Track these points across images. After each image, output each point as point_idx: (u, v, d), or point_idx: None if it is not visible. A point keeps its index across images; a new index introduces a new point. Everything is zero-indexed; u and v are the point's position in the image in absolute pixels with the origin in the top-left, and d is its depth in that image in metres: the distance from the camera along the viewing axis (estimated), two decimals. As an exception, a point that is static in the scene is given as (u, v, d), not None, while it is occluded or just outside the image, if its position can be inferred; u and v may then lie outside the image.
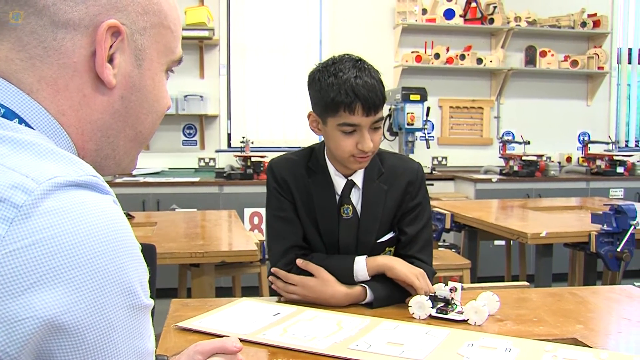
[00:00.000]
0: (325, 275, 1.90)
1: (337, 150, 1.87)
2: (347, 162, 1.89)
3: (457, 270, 3.96)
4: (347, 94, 1.78)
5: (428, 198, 2.07)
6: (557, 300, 1.96)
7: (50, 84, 0.82)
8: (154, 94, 0.90)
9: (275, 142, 6.52)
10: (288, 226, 1.98)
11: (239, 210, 5.34)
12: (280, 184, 1.98)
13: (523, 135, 6.49)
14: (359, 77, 1.80)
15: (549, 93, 7.06)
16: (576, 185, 6.18)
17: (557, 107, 7.09)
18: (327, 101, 1.82)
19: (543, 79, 7.03)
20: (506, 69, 6.67)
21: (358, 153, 1.86)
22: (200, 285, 3.00)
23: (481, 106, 6.93)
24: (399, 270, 1.87)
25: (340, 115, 1.81)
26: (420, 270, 1.89)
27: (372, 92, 1.80)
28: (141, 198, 5.47)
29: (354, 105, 1.79)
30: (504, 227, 3.50)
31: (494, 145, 6.93)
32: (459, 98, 6.88)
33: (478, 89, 6.92)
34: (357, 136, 1.84)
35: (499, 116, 6.99)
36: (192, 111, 6.18)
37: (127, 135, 0.89)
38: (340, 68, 1.82)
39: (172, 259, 2.82)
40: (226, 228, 3.73)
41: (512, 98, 6.98)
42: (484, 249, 5.30)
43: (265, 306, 1.87)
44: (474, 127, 6.96)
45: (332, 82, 1.81)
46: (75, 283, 0.68)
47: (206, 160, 6.45)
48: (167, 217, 4.00)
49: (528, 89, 7.01)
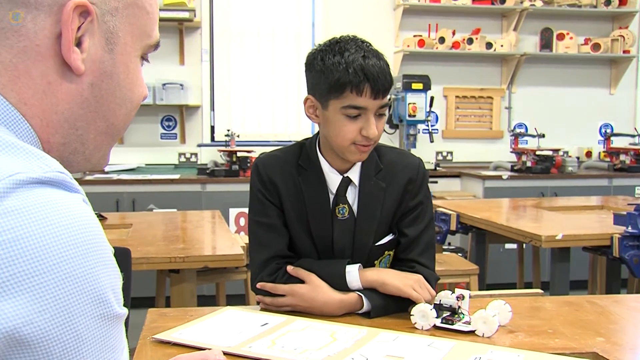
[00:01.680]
0: (317, 281, 1.90)
1: (338, 137, 1.87)
2: (347, 152, 1.89)
3: (463, 277, 3.97)
4: (356, 73, 1.79)
5: (430, 197, 2.07)
6: (575, 310, 1.97)
7: (9, 70, 0.81)
8: (128, 82, 0.90)
9: (264, 136, 6.52)
10: (271, 234, 1.97)
11: (224, 211, 5.34)
12: (267, 185, 1.98)
13: (537, 128, 6.51)
14: (367, 57, 1.82)
15: (566, 80, 7.07)
16: (597, 182, 6.19)
17: (576, 96, 7.10)
18: (331, 81, 1.82)
19: (560, 65, 7.04)
20: (519, 54, 6.68)
21: (361, 140, 1.86)
22: (180, 294, 3.00)
23: (491, 95, 6.94)
24: (391, 286, 1.87)
25: (346, 96, 1.82)
26: (417, 276, 1.90)
27: (381, 74, 1.82)
28: (114, 197, 5.46)
29: (362, 86, 1.80)
30: (515, 228, 3.50)
31: (504, 139, 6.94)
32: (466, 87, 6.89)
33: (487, 76, 6.93)
34: (362, 121, 1.85)
35: (510, 106, 7.00)
36: (172, 101, 6.17)
37: (98, 127, 0.89)
38: (347, 47, 1.84)
39: (149, 265, 2.81)
40: (209, 230, 3.72)
41: (525, 86, 6.99)
42: (493, 253, 5.31)
43: (252, 315, 1.87)
44: (483, 119, 6.97)
45: (337, 61, 1.82)
46: (39, 291, 0.67)
47: (187, 156, 6.44)
48: (144, 218, 3.99)
49: (543, 76, 7.02)
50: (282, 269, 1.94)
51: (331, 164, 1.98)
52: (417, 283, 1.87)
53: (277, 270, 1.94)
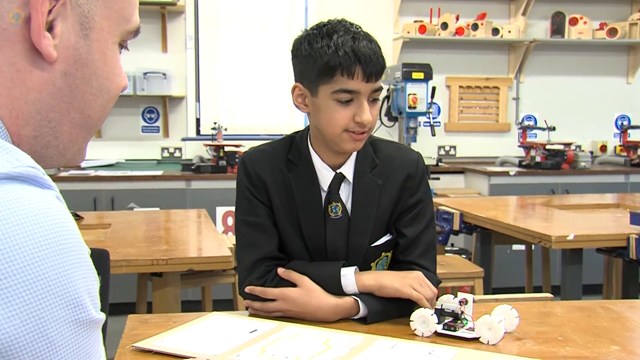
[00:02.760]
0: (309, 285, 1.90)
1: (329, 125, 1.87)
2: (340, 141, 1.89)
3: (467, 280, 3.98)
4: (347, 54, 1.81)
5: (430, 194, 2.07)
6: (588, 316, 1.97)
7: None
8: (105, 71, 0.89)
9: (253, 129, 6.52)
10: (260, 234, 1.98)
11: (210, 210, 5.33)
12: (254, 182, 1.98)
13: (547, 120, 6.51)
14: (357, 39, 1.83)
15: (580, 69, 7.08)
16: (612, 179, 6.21)
17: (590, 86, 7.11)
18: (320, 65, 1.83)
19: (573, 52, 7.04)
20: (528, 41, 6.69)
21: (354, 127, 1.86)
22: (163, 298, 3.00)
23: (497, 85, 6.95)
24: (389, 287, 1.87)
25: (337, 80, 1.83)
26: (416, 274, 1.90)
27: (374, 56, 1.84)
28: (92, 195, 5.46)
29: (353, 69, 1.81)
30: (523, 228, 3.51)
31: (512, 132, 6.95)
32: (470, 76, 6.89)
33: (493, 65, 6.94)
34: (354, 106, 1.86)
35: (518, 97, 7.01)
36: (153, 92, 6.16)
37: (73, 119, 0.88)
38: (335, 30, 1.86)
39: (129, 268, 2.81)
40: (194, 230, 3.72)
41: (534, 75, 7.01)
42: (499, 254, 5.32)
43: (240, 322, 1.87)
44: (488, 111, 6.98)
45: (326, 43, 1.83)
46: (9, 295, 0.67)
47: (171, 150, 6.44)
48: (124, 217, 3.99)
49: (554, 64, 7.03)
50: (272, 272, 1.94)
51: (323, 158, 1.98)
52: (416, 281, 1.87)
53: (267, 272, 1.94)
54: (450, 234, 4.18)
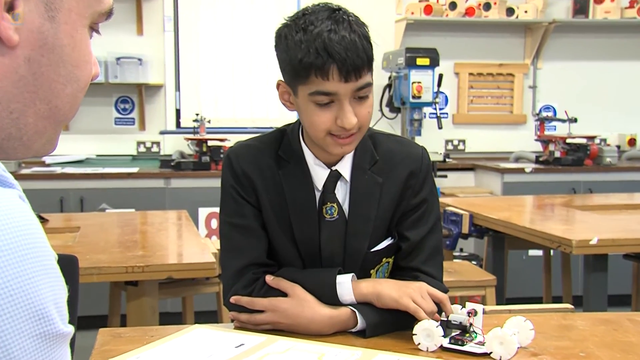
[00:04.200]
0: (302, 294, 1.90)
1: (311, 128, 1.87)
2: (325, 145, 1.89)
3: (478, 289, 3.98)
4: (318, 53, 1.77)
5: (436, 193, 2.08)
6: (613, 330, 1.97)
7: None
8: (74, 57, 0.89)
9: (240, 122, 6.52)
10: (247, 238, 1.98)
11: (192, 211, 5.33)
12: (241, 180, 1.98)
13: (568, 111, 6.52)
14: (333, 31, 1.78)
15: (605, 53, 7.09)
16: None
17: (616, 72, 7.13)
18: (294, 64, 1.82)
19: (598, 34, 7.05)
20: (546, 22, 6.69)
21: (337, 131, 1.85)
22: (139, 310, 3.00)
23: (512, 72, 6.96)
24: (387, 297, 1.87)
25: (312, 81, 1.81)
26: (418, 284, 1.90)
27: (351, 50, 1.78)
28: (58, 195, 5.45)
29: (327, 68, 1.78)
30: (541, 232, 3.52)
31: (528, 125, 6.97)
32: (481, 62, 6.90)
33: (508, 49, 6.94)
34: (336, 109, 1.83)
35: (535, 85, 7.02)
36: (128, 79, 6.16)
37: (39, 111, 0.88)
38: (312, 20, 1.81)
39: (101, 276, 2.81)
40: (174, 234, 3.72)
41: (553, 61, 7.01)
42: (514, 260, 5.33)
43: (225, 335, 1.87)
44: (502, 101, 6.99)
45: (300, 38, 1.80)
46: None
47: (147, 145, 6.44)
48: (95, 220, 3.98)
49: (576, 48, 7.03)
50: (260, 280, 1.95)
51: (317, 154, 1.98)
52: (418, 291, 1.87)
53: (255, 281, 1.95)
54: (458, 237, 4.19)
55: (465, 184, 6.42)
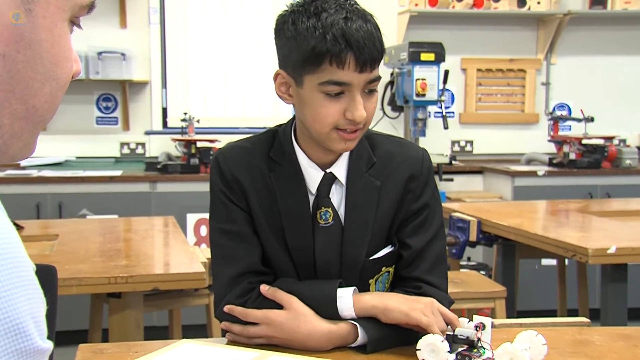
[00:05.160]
0: (299, 307, 1.90)
1: (316, 122, 1.88)
2: (329, 140, 1.90)
3: (487, 301, 3.98)
4: (336, 40, 1.79)
5: (439, 197, 2.08)
6: (633, 346, 1.97)
7: None
8: (53, 54, 0.89)
9: (231, 121, 6.52)
10: (240, 244, 1.98)
11: (180, 217, 5.33)
12: (230, 184, 1.99)
13: (584, 109, 6.51)
14: (350, 20, 1.81)
15: (625, 47, 7.09)
16: (664, 180, 6.22)
17: (636, 68, 7.14)
18: (305, 51, 1.83)
19: (617, 27, 7.05)
20: (561, 14, 6.69)
21: (345, 124, 1.86)
22: (123, 324, 3.00)
23: (523, 68, 6.97)
24: (396, 311, 1.87)
25: (324, 70, 1.82)
26: (429, 300, 1.90)
27: (369, 40, 1.82)
28: (34, 200, 5.44)
29: (344, 56, 1.80)
30: (554, 239, 3.51)
31: (540, 124, 6.97)
32: (491, 57, 6.91)
33: (519, 43, 6.95)
34: (346, 101, 1.85)
35: (548, 82, 7.03)
36: (110, 75, 6.15)
37: (15, 111, 0.88)
38: (324, 7, 1.84)
39: (81, 287, 2.81)
40: (160, 242, 3.72)
41: (568, 56, 7.02)
42: (525, 270, 5.33)
43: (215, 350, 1.87)
44: (512, 99, 6.99)
45: (313, 24, 1.82)
46: None
47: (132, 146, 6.44)
48: (74, 227, 3.98)
49: (593, 41, 7.03)
50: (255, 290, 1.95)
51: (310, 156, 1.98)
52: (429, 307, 1.88)
53: (249, 290, 1.95)
54: (465, 246, 4.19)
55: (472, 188, 6.42)
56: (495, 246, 4.42)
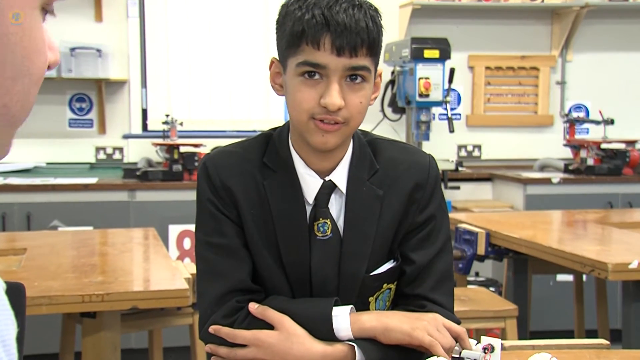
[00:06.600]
0: (291, 327, 1.90)
1: (294, 109, 1.90)
2: (307, 132, 1.90)
3: (497, 320, 3.98)
4: (314, 18, 1.82)
5: (446, 209, 2.09)
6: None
7: None
8: (23, 47, 0.89)
9: (217, 124, 6.52)
10: (228, 259, 1.99)
11: (161, 228, 5.33)
12: (219, 193, 1.99)
13: (603, 111, 6.53)
14: (336, 3, 1.83)
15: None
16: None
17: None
18: (287, 32, 1.86)
19: (638, 20, 7.07)
20: (578, 6, 6.70)
21: (321, 113, 1.86)
22: (97, 346, 2.99)
23: (536, 66, 6.99)
24: (397, 331, 1.88)
25: (303, 51, 1.85)
26: (432, 315, 1.91)
27: (353, 23, 1.82)
28: (0, 210, 5.44)
29: (319, 36, 1.82)
30: (570, 253, 3.52)
31: (555, 127, 6.98)
32: (500, 54, 6.92)
33: (532, 39, 6.97)
34: (322, 87, 1.86)
35: (564, 81, 7.05)
36: (85, 73, 6.15)
37: (-16, 112, 0.88)
38: None
39: (52, 306, 2.80)
40: (140, 256, 3.72)
41: (586, 52, 7.04)
42: (539, 287, 5.34)
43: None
44: (524, 99, 7.01)
45: (298, 6, 1.85)
46: None
47: (108, 151, 6.43)
48: (44, 240, 3.97)
49: (613, 36, 7.05)
50: (244, 309, 1.95)
51: (308, 162, 1.99)
52: (433, 324, 1.88)
53: (238, 310, 1.95)
54: (473, 260, 4.19)
55: (481, 196, 6.43)
56: (506, 260, 4.42)
